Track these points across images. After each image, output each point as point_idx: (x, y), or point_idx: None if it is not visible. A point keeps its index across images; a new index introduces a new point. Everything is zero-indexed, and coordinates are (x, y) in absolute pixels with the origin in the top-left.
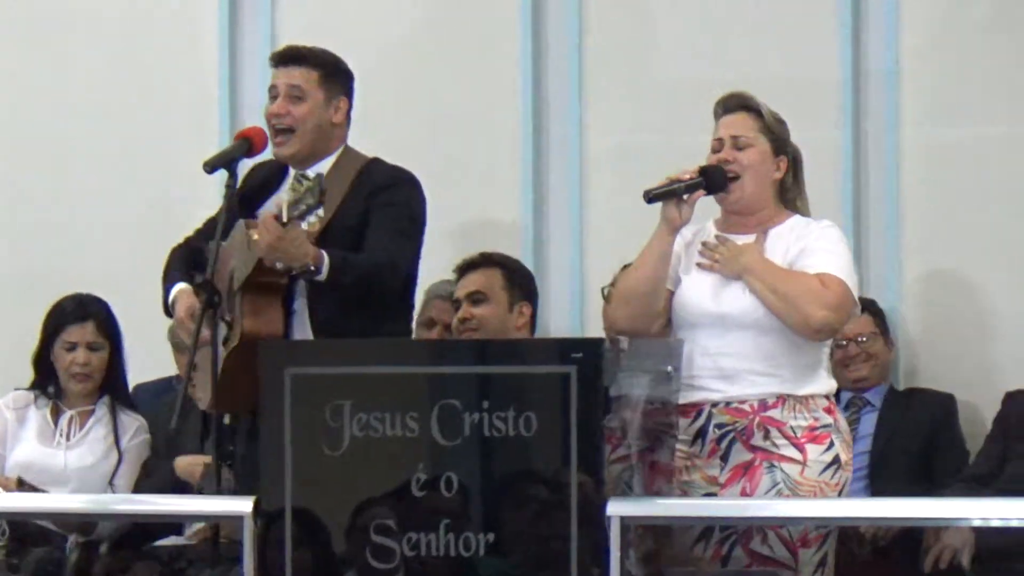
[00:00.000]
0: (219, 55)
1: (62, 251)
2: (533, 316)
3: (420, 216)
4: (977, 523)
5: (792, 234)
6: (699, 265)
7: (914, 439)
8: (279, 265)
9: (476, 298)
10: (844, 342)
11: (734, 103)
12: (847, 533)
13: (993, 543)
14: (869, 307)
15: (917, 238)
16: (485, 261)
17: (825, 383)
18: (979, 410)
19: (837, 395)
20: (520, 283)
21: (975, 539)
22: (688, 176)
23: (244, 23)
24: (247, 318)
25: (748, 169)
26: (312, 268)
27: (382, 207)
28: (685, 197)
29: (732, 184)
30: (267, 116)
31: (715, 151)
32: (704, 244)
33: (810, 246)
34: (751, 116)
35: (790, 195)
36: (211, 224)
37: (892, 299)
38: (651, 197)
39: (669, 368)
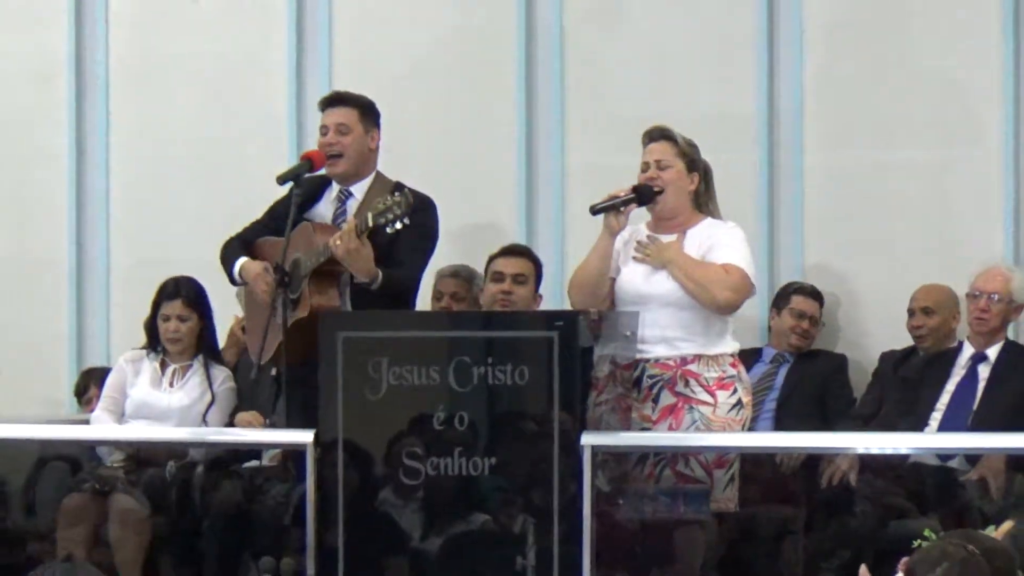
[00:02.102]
0: (287, 91)
1: (167, 244)
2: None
3: (436, 236)
4: (861, 451)
5: (705, 233)
6: (634, 258)
7: (813, 387)
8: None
9: (519, 280)
10: (804, 318)
11: (656, 134)
12: (760, 458)
13: (873, 464)
14: (812, 292)
15: (817, 238)
16: (527, 253)
17: (730, 344)
18: (863, 366)
19: (759, 352)
20: (540, 275)
21: (859, 462)
22: (624, 193)
23: (307, 67)
24: (314, 296)
25: (670, 185)
26: (367, 282)
27: (412, 228)
28: (622, 209)
29: (658, 197)
30: (321, 145)
31: (644, 171)
32: (638, 242)
33: (718, 243)
34: (669, 144)
35: (702, 201)
36: (256, 224)
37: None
38: (596, 210)
39: (628, 333)
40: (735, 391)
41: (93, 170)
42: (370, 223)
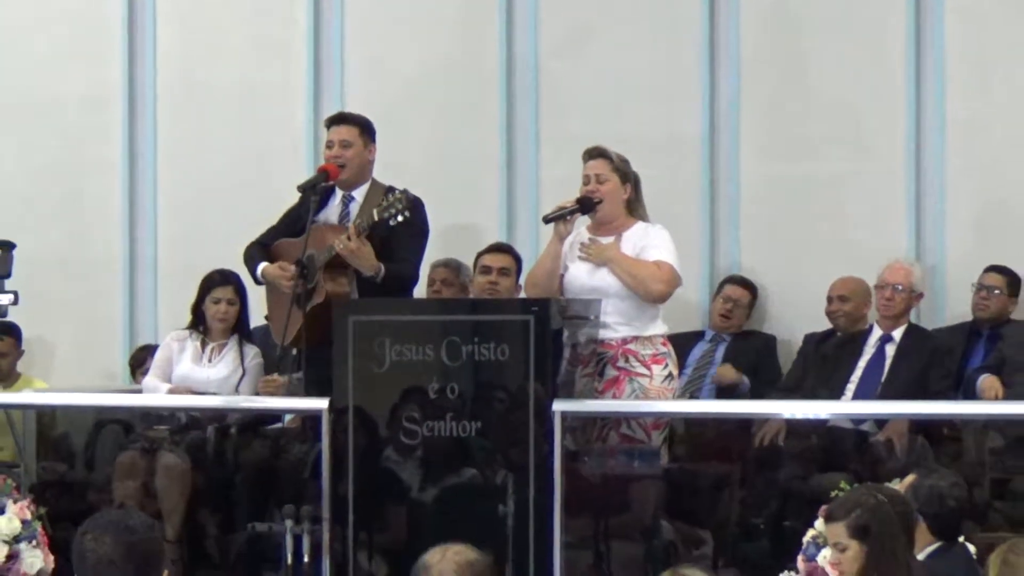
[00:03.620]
0: (305, 114)
1: (205, 243)
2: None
3: (428, 231)
4: (787, 416)
5: (638, 235)
6: (580, 258)
7: (747, 362)
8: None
9: (504, 272)
10: (729, 302)
11: (595, 152)
12: (704, 422)
13: (798, 428)
14: (742, 281)
15: (751, 238)
16: (510, 250)
17: (660, 327)
18: (790, 345)
19: (702, 334)
20: (520, 268)
21: (786, 426)
22: (570, 204)
23: (322, 94)
24: (328, 284)
25: (607, 196)
26: (372, 274)
27: (407, 226)
28: (568, 218)
29: (598, 207)
30: (327, 157)
31: (585, 184)
32: (581, 244)
33: (650, 243)
34: (606, 160)
35: (633, 207)
36: (272, 230)
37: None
38: (548, 220)
39: (592, 316)
40: (667, 365)
41: (143, 180)
42: (375, 218)
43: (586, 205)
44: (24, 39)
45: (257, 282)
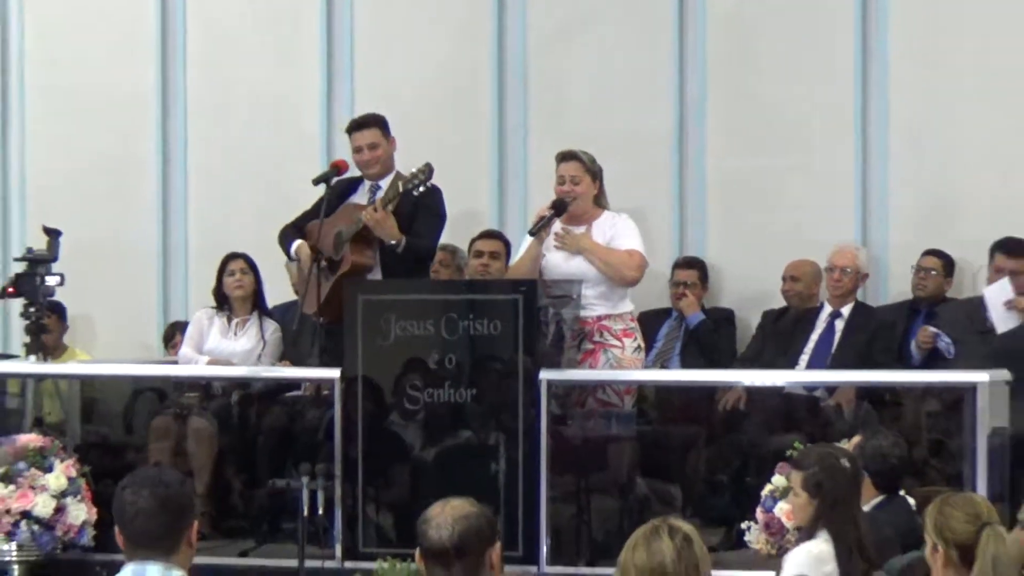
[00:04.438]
0: (319, 115)
1: (230, 230)
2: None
3: (445, 214)
4: (748, 384)
5: (607, 224)
6: (556, 247)
7: (709, 336)
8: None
9: (495, 256)
10: (680, 285)
11: (568, 155)
12: (671, 389)
13: (757, 394)
14: (697, 264)
15: (716, 224)
16: (500, 235)
17: (629, 306)
18: (749, 321)
19: (669, 312)
20: (509, 252)
21: (747, 392)
22: (546, 211)
23: (335, 97)
24: (355, 255)
25: (581, 194)
26: (394, 243)
27: (427, 208)
28: (547, 225)
29: (572, 204)
30: (359, 162)
31: (560, 184)
32: (555, 234)
33: (619, 233)
34: (578, 162)
35: (599, 199)
36: (305, 214)
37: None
38: (533, 232)
39: (575, 296)
40: (636, 338)
41: (175, 174)
42: (401, 189)
43: (560, 208)
44: (70, 46)
45: (290, 258)
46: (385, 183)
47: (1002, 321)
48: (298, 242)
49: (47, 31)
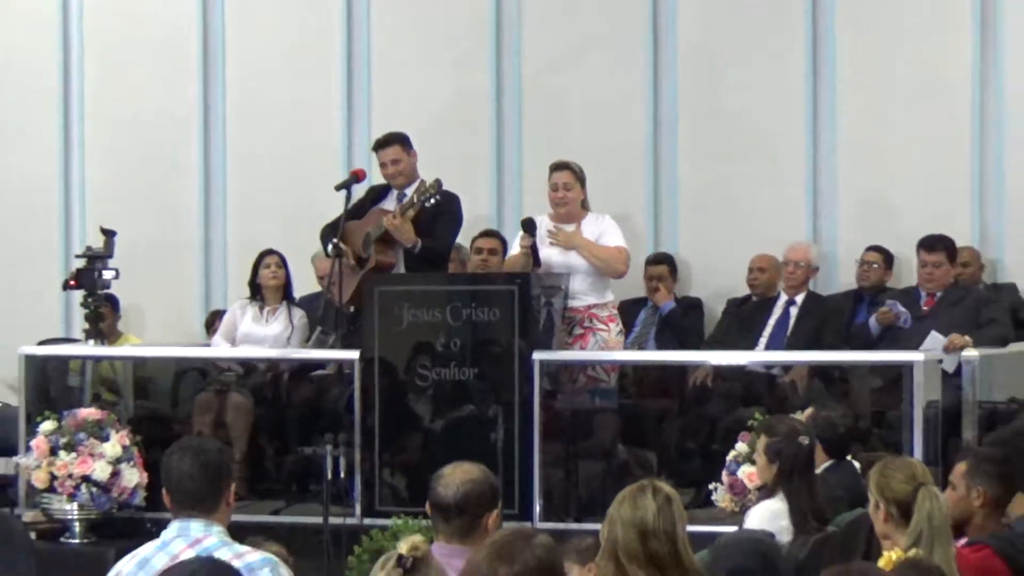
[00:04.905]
0: (341, 128)
1: (262, 229)
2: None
3: (461, 220)
4: (714, 363)
5: (593, 223)
6: (550, 243)
7: (679, 321)
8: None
9: (492, 252)
10: (652, 280)
11: (561, 165)
12: (649, 368)
13: (722, 371)
14: (666, 259)
15: (687, 225)
16: (497, 234)
17: (612, 295)
18: (715, 308)
19: (645, 301)
20: (506, 249)
21: (713, 370)
22: (526, 239)
23: (354, 111)
24: (379, 254)
25: (571, 199)
26: (411, 247)
27: (444, 213)
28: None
29: (560, 210)
30: (386, 176)
31: (554, 191)
32: (548, 231)
33: (605, 231)
34: (569, 171)
35: (584, 203)
36: (342, 215)
37: (673, 254)
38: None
39: (563, 286)
40: (618, 323)
41: (215, 181)
42: (414, 200)
43: (530, 227)
44: (124, 69)
45: (328, 254)
46: (410, 190)
47: (950, 363)
48: (335, 240)
49: (104, 56)
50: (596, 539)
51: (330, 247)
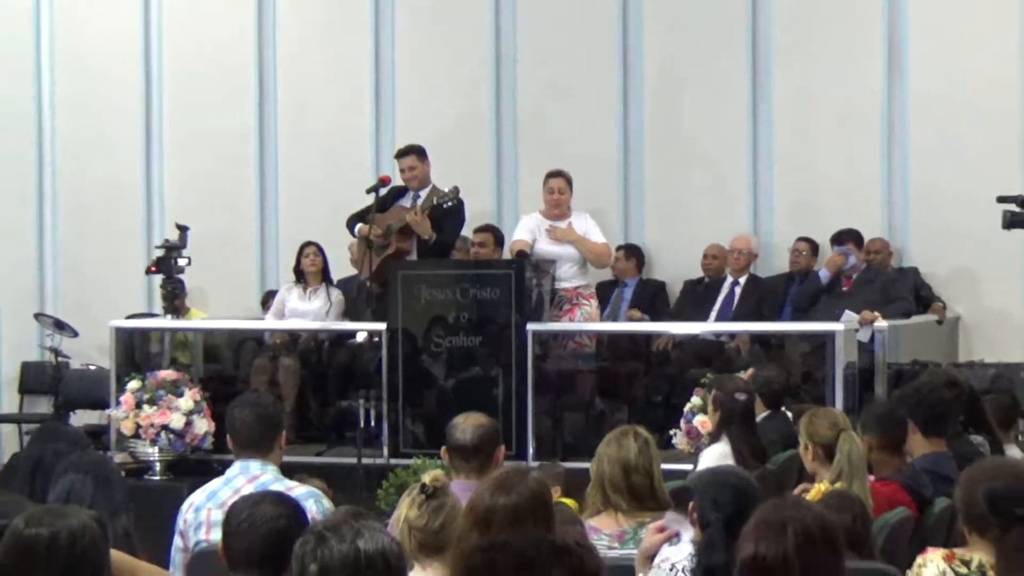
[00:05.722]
0: (370, 140)
1: (306, 224)
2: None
3: (463, 220)
4: (673, 332)
5: (580, 221)
6: (548, 238)
7: (645, 299)
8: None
9: (483, 244)
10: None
11: (557, 172)
12: (621, 336)
13: (680, 340)
14: (633, 250)
15: (653, 224)
16: (495, 229)
17: (591, 278)
18: (674, 289)
19: (617, 281)
20: (502, 242)
21: (672, 339)
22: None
23: (381, 125)
24: (399, 242)
25: (564, 201)
26: (427, 239)
27: (452, 214)
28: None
29: (555, 210)
30: (404, 180)
31: (550, 194)
32: (546, 229)
33: (590, 229)
34: (563, 179)
35: (569, 203)
36: (366, 209)
37: (641, 244)
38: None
39: (551, 272)
40: (595, 300)
41: (268, 185)
42: (435, 202)
43: (524, 255)
44: (194, 92)
45: (353, 236)
46: (423, 193)
47: (864, 335)
48: (359, 226)
49: (179, 84)
50: (564, 469)
51: (355, 230)
